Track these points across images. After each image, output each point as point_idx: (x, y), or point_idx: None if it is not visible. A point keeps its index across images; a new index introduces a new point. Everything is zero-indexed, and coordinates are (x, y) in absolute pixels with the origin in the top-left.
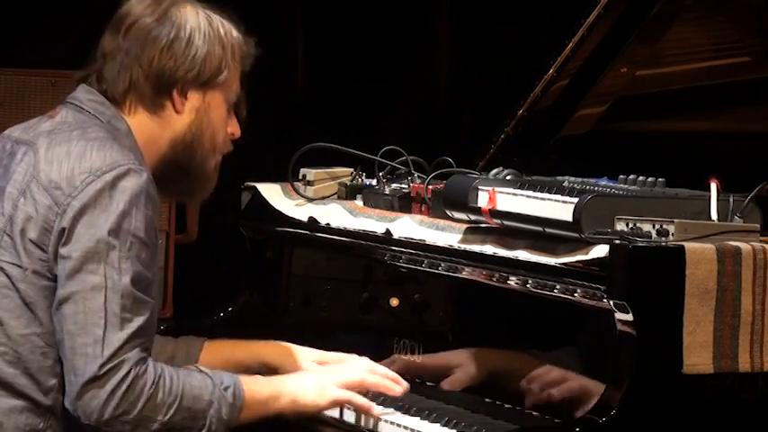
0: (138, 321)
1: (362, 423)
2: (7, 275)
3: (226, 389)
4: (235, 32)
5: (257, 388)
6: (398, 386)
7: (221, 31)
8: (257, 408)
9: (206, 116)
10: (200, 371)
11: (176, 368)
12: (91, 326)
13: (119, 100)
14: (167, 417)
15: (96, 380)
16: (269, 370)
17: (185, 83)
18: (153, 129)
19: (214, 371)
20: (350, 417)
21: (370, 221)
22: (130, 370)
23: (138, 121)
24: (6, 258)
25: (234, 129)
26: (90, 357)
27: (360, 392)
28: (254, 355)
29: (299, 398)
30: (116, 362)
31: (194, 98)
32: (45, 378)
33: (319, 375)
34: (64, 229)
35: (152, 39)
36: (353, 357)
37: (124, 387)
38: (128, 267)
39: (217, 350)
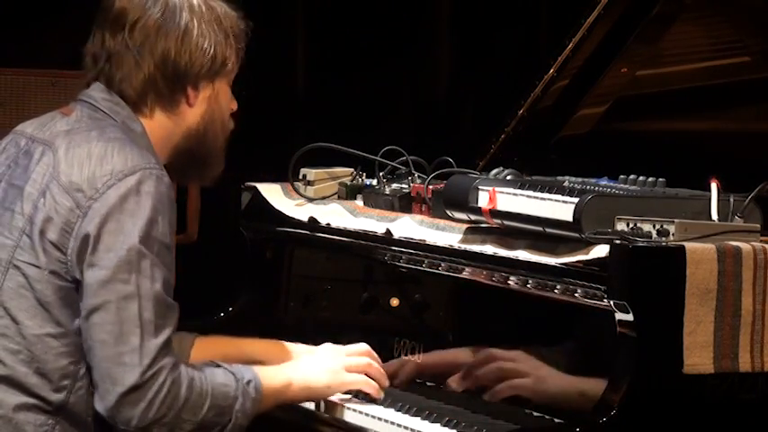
0: (170, 326)
1: (362, 423)
2: (24, 275)
3: (248, 383)
4: (230, 12)
5: (271, 378)
6: (381, 392)
7: (221, 15)
8: (273, 397)
9: (216, 104)
10: (218, 365)
11: (199, 366)
12: (126, 334)
13: (135, 100)
14: (200, 416)
15: (137, 388)
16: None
17: (199, 77)
18: (168, 126)
19: (231, 365)
20: (350, 417)
21: (371, 221)
22: (167, 376)
23: (154, 121)
24: (24, 258)
25: (233, 104)
26: (128, 366)
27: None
28: (243, 352)
29: (311, 383)
30: (155, 369)
31: (205, 89)
32: (57, 378)
33: (328, 360)
34: (88, 234)
35: (163, 34)
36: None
37: (163, 393)
38: (159, 275)
39: (207, 347)
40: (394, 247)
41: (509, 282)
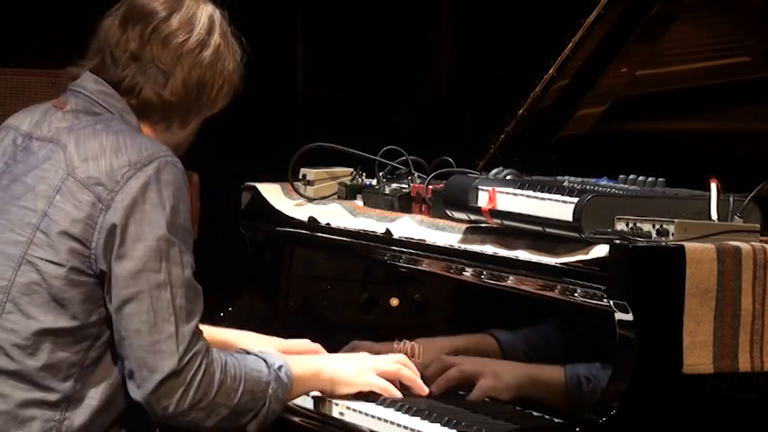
0: (200, 311)
1: (362, 423)
2: (39, 271)
3: (279, 368)
4: (241, 64)
5: (302, 366)
6: (426, 387)
7: (239, 67)
8: (302, 385)
9: (189, 135)
10: (249, 352)
11: (230, 352)
12: (161, 322)
13: (163, 108)
14: (235, 401)
15: (175, 374)
16: None
17: (206, 111)
18: (169, 141)
19: (261, 352)
20: (350, 416)
21: (371, 221)
22: (203, 360)
23: (168, 133)
24: (39, 254)
25: None
26: (166, 354)
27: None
28: (223, 338)
29: (336, 376)
30: (191, 354)
31: (197, 120)
32: (66, 367)
33: (359, 358)
34: (114, 225)
35: (212, 71)
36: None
37: (199, 377)
38: (187, 260)
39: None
40: (394, 247)
41: (509, 282)
